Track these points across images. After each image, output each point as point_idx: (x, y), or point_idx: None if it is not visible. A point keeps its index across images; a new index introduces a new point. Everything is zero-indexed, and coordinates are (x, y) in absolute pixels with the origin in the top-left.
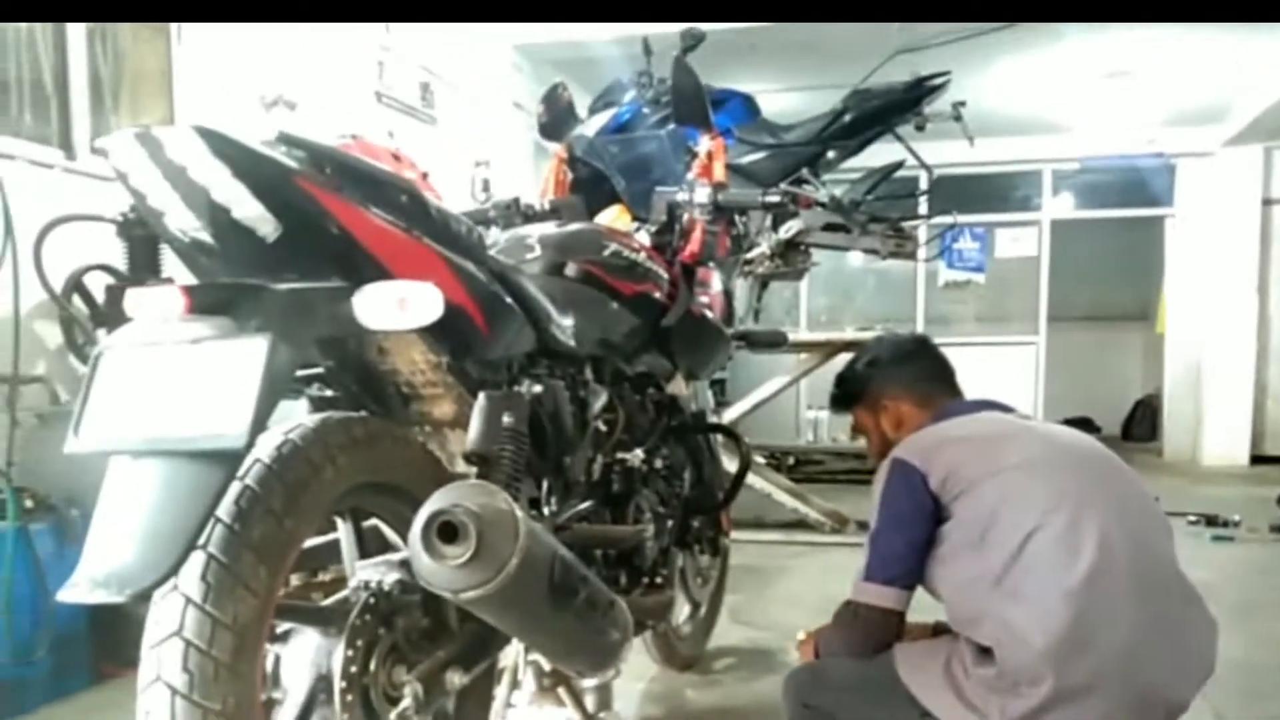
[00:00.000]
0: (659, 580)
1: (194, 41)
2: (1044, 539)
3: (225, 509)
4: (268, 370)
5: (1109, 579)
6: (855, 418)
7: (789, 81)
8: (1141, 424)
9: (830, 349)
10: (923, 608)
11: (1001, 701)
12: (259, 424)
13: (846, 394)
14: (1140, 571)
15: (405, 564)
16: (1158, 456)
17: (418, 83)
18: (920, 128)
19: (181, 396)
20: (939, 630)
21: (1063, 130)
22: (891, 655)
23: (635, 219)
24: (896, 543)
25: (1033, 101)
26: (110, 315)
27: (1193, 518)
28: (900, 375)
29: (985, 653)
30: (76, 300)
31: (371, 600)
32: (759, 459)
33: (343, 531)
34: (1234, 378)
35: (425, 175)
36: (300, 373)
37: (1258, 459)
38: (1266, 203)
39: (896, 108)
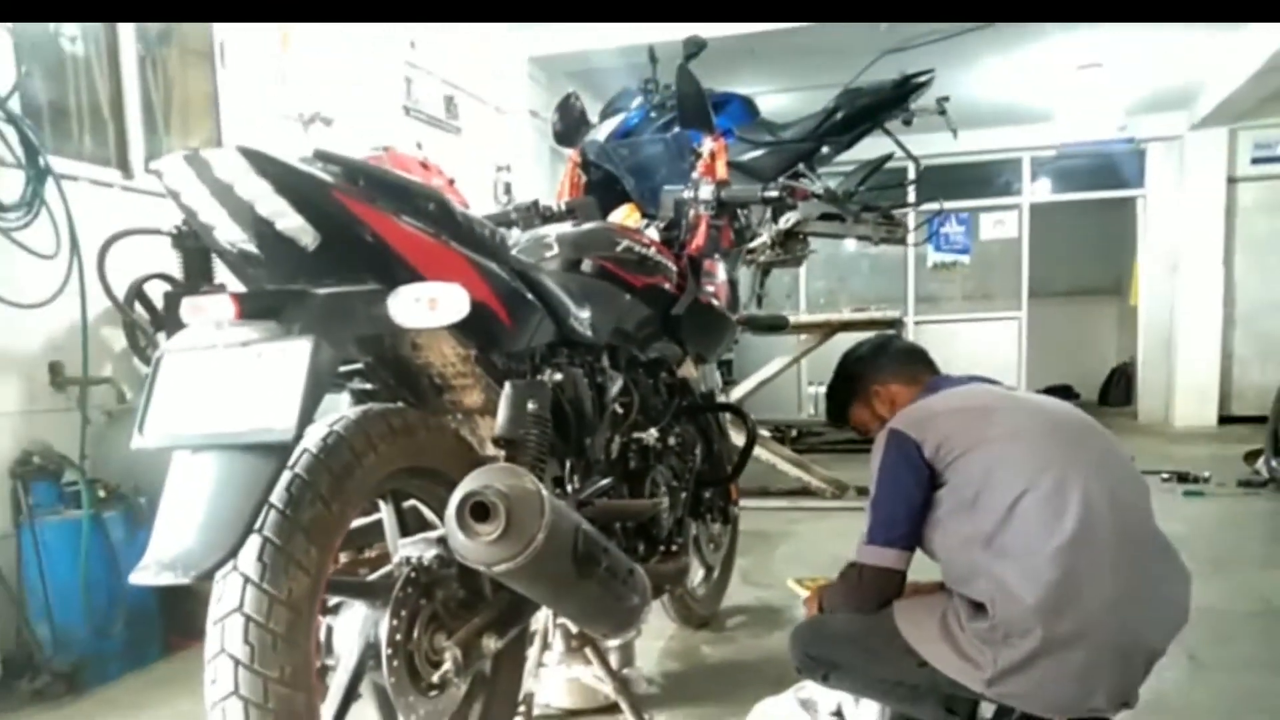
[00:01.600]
0: (674, 548)
1: (236, 65)
2: (1031, 501)
3: (278, 495)
4: (312, 368)
5: (1093, 537)
6: (855, 419)
7: (785, 83)
8: (1117, 389)
9: (828, 329)
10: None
11: (994, 652)
12: (306, 418)
13: (840, 400)
14: (1121, 529)
15: (442, 541)
16: (1133, 419)
17: (442, 96)
18: (908, 122)
19: (235, 395)
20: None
21: (1040, 120)
22: (891, 610)
23: (645, 216)
24: (895, 507)
25: (1012, 93)
26: (169, 320)
27: (1166, 475)
28: (883, 362)
29: (979, 607)
30: (138, 307)
31: (413, 574)
32: (764, 433)
33: (385, 512)
34: (1202, 345)
35: (452, 181)
36: (342, 369)
37: (1225, 419)
38: (1231, 181)
39: (885, 104)
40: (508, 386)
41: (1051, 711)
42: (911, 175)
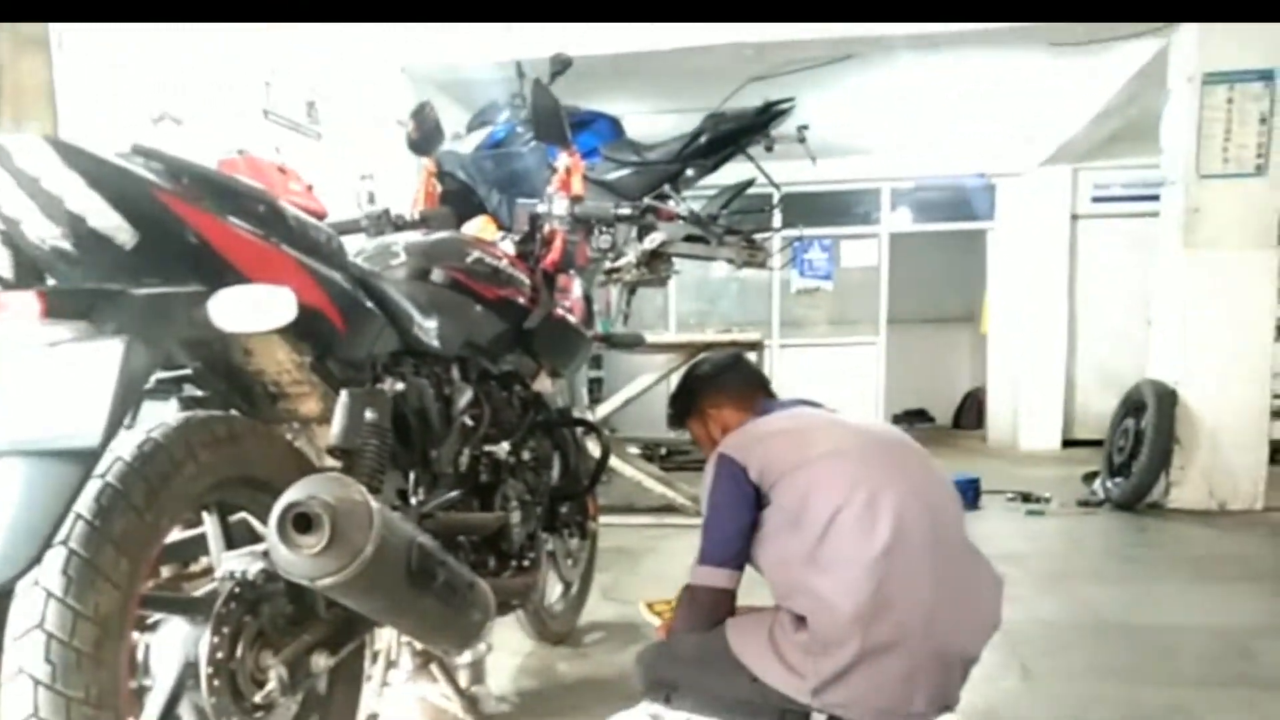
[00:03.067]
0: (526, 563)
1: (78, 54)
2: (846, 516)
3: (85, 505)
4: (123, 372)
5: (905, 549)
6: (690, 431)
7: (654, 104)
8: (969, 413)
9: (692, 349)
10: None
11: (815, 662)
12: (115, 424)
13: (678, 411)
14: (933, 541)
15: (268, 554)
16: (982, 442)
17: (304, 100)
18: (769, 148)
19: (39, 399)
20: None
21: (899, 151)
22: (725, 628)
23: (501, 229)
24: (725, 529)
25: (872, 124)
26: None
27: (1010, 495)
28: (719, 385)
29: (801, 620)
30: None
31: (236, 589)
32: (633, 450)
33: (209, 525)
34: (1047, 372)
35: (310, 187)
36: (172, 374)
37: (1068, 443)
38: (1074, 217)
39: (748, 130)
40: (344, 395)
41: (875, 719)
42: (774, 201)
